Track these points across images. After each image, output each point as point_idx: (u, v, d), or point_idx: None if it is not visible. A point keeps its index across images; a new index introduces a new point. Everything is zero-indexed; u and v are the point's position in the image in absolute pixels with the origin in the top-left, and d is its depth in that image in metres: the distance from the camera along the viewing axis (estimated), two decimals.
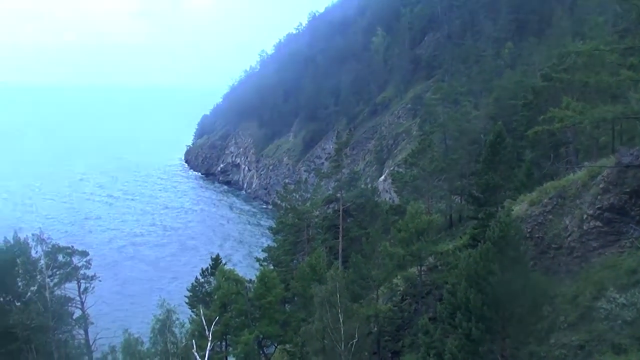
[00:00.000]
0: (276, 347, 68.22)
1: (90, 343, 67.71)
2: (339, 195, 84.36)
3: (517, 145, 72.58)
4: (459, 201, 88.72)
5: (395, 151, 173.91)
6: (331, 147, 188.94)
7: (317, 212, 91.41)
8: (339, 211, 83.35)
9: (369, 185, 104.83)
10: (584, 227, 44.69)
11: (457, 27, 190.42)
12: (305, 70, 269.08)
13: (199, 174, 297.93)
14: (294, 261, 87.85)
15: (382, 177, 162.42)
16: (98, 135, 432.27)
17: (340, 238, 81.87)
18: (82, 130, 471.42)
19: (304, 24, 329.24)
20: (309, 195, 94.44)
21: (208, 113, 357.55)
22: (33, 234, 53.34)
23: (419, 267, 58.10)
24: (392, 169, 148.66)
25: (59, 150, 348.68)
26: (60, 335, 52.51)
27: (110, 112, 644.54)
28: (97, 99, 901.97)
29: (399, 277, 60.21)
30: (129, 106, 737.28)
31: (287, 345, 63.29)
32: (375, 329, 55.22)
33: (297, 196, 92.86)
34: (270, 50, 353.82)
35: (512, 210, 47.68)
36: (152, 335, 48.70)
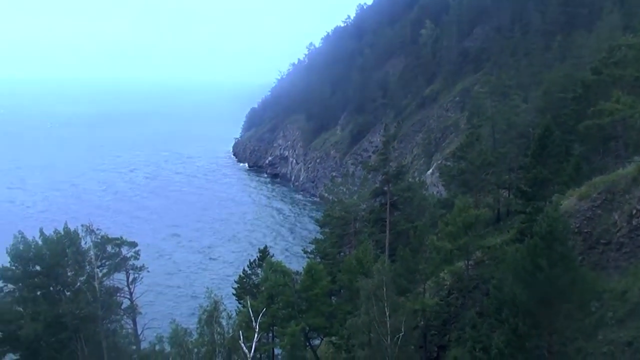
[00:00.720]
0: (322, 339, 68.47)
1: (138, 333, 68.59)
2: (386, 188, 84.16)
3: (566, 139, 71.75)
4: (507, 195, 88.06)
5: (443, 144, 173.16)
6: (378, 140, 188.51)
7: (364, 205, 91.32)
8: (386, 204, 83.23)
9: (417, 179, 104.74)
10: (633, 223, 44.28)
11: (506, 19, 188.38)
12: (353, 63, 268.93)
13: (247, 166, 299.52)
14: (341, 254, 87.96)
15: (430, 170, 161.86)
16: (149, 129, 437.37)
17: (387, 231, 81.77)
18: (135, 124, 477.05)
19: (352, 17, 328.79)
20: (356, 188, 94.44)
21: (256, 106, 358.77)
22: (83, 225, 54.06)
23: (466, 262, 57.92)
24: (439, 162, 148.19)
25: (112, 143, 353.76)
26: (109, 325, 53.29)
27: (160, 108, 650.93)
28: (145, 94, 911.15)
29: (446, 271, 60.10)
30: (179, 101, 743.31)
31: (333, 338, 63.45)
32: (422, 323, 55.20)
33: (344, 189, 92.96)
34: (318, 43, 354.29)
35: (561, 204, 47.38)
36: (199, 326, 49.15)
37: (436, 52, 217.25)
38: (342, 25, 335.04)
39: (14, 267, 55.05)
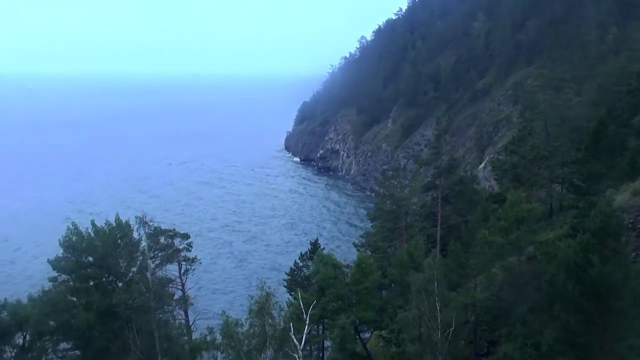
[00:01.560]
0: (372, 332, 68.46)
1: (190, 324, 69.26)
2: (437, 182, 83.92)
3: (621, 132, 70.63)
4: (560, 190, 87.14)
5: (495, 138, 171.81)
6: (430, 133, 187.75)
7: (416, 199, 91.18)
8: (438, 198, 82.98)
9: (468, 173, 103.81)
10: None
11: (559, 11, 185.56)
12: (404, 56, 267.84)
13: (298, 159, 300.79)
14: (391, 248, 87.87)
15: (482, 164, 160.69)
16: (203, 122, 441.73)
17: (438, 226, 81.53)
18: (187, 117, 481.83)
19: (403, 9, 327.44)
20: (407, 182, 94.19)
21: (308, 100, 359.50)
22: (136, 217, 54.66)
23: (518, 257, 57.46)
24: (492, 156, 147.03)
25: (165, 136, 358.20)
26: (161, 316, 53.81)
27: (212, 101, 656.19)
28: (199, 87, 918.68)
29: (497, 266, 59.66)
30: (231, 95, 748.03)
31: (383, 332, 63.42)
32: (472, 318, 54.93)
33: (396, 183, 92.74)
34: (369, 36, 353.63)
35: (614, 199, 46.76)
36: (250, 317, 49.41)
37: (489, 45, 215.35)
38: (394, 17, 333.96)
39: (67, 258, 55.92)
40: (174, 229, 70.86)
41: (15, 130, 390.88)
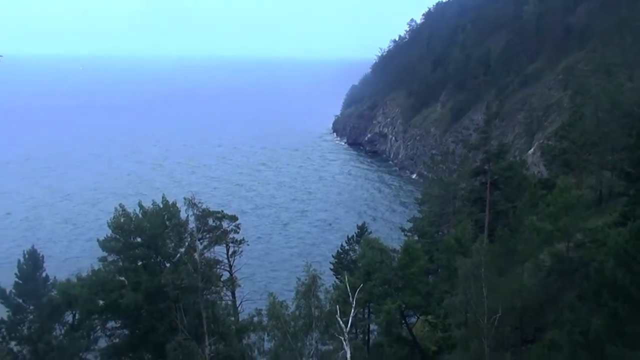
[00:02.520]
0: (418, 317, 68.42)
1: (237, 305, 69.73)
2: (486, 167, 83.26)
3: None
4: (610, 176, 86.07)
5: (545, 123, 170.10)
6: (480, 118, 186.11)
7: (464, 184, 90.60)
8: (486, 183, 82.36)
9: (517, 158, 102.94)
10: None
11: None
12: (454, 39, 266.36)
13: (346, 143, 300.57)
14: (439, 233, 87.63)
15: (531, 149, 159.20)
16: (251, 105, 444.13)
17: (486, 211, 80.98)
18: (234, 100, 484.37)
19: None
20: (455, 167, 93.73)
21: (356, 83, 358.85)
22: (185, 198, 55.05)
23: (566, 243, 56.93)
24: (541, 141, 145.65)
25: (215, 119, 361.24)
26: (208, 296, 54.17)
27: (260, 84, 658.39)
28: (247, 70, 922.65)
29: (545, 252, 59.16)
30: (280, 78, 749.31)
31: (429, 317, 63.39)
32: (519, 304, 54.59)
33: (444, 167, 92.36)
34: (419, 19, 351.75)
35: None
36: (296, 299, 49.64)
37: (540, 29, 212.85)
38: (444, 0, 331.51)
39: (115, 239, 56.58)
40: (222, 211, 71.27)
41: (76, 111, 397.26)
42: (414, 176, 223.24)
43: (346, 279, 48.06)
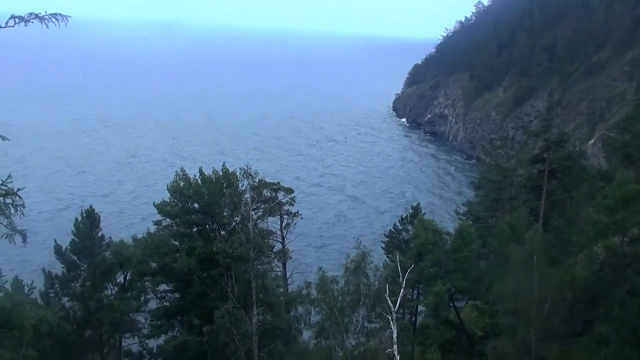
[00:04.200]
0: (467, 302, 68.23)
1: (287, 276, 70.24)
2: (545, 155, 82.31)
3: None
4: None
5: (607, 115, 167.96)
6: (541, 105, 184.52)
7: (522, 171, 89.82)
8: (544, 172, 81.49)
9: (577, 148, 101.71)
10: None
11: None
12: (521, 24, 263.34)
13: (406, 122, 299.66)
14: (493, 218, 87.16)
15: (592, 140, 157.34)
16: (312, 79, 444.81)
17: (542, 199, 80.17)
18: (297, 73, 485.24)
19: None
20: (514, 153, 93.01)
21: (420, 63, 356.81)
22: (241, 168, 55.36)
23: (621, 237, 56.31)
24: (602, 133, 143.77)
25: (274, 92, 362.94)
26: (259, 266, 54.48)
27: (323, 59, 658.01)
28: (307, 45, 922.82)
29: (599, 245, 58.57)
30: (343, 55, 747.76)
31: (478, 302, 63.16)
32: (570, 295, 54.20)
33: (503, 153, 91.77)
34: (486, 1, 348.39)
35: None
36: (345, 275, 49.81)
37: (608, 19, 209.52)
38: None
39: (173, 203, 57.15)
40: (278, 182, 71.80)
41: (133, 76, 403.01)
42: (472, 160, 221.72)
43: (397, 259, 48.05)
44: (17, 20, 24.55)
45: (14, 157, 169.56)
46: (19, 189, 27.85)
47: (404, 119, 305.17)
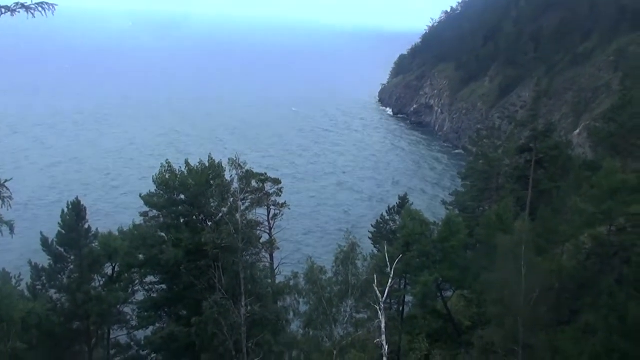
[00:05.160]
0: (454, 291, 68.43)
1: (275, 267, 70.26)
2: (532, 145, 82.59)
3: None
4: None
5: (593, 105, 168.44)
6: (527, 95, 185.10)
7: (508, 161, 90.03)
8: (531, 162, 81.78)
9: (563, 138, 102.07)
10: None
11: None
12: (507, 13, 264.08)
13: (391, 112, 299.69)
14: (480, 208, 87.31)
15: (577, 130, 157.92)
16: (297, 69, 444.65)
17: (529, 189, 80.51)
18: (280, 64, 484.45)
19: None
20: (501, 143, 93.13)
21: (405, 53, 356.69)
22: (229, 158, 55.26)
23: (608, 227, 56.51)
24: (588, 123, 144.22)
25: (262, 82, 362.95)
26: (247, 257, 54.50)
27: (309, 49, 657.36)
28: (294, 34, 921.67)
29: (586, 235, 58.78)
30: (327, 45, 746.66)
31: (465, 292, 63.36)
32: (557, 285, 54.34)
33: (489, 143, 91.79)
34: None
35: None
36: (334, 265, 49.88)
37: (594, 8, 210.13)
38: None
39: (159, 195, 57.03)
40: (266, 173, 71.78)
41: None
42: (458, 150, 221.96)
43: (385, 249, 48.11)
44: (3, 10, 24.41)
45: (2, 148, 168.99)
46: (6, 180, 27.80)
47: (389, 109, 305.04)
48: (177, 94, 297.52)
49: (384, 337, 33.98)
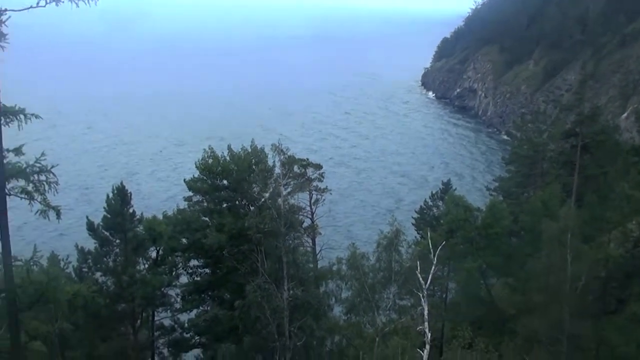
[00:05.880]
0: (498, 279, 67.89)
1: (317, 252, 70.19)
2: (578, 129, 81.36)
3: None
4: None
5: None
6: (573, 78, 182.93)
7: (553, 146, 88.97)
8: (577, 147, 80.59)
9: (610, 122, 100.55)
10: None
11: None
12: None
13: (434, 97, 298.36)
14: (525, 194, 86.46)
15: (625, 114, 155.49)
16: (342, 53, 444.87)
17: (575, 175, 79.36)
18: (327, 48, 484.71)
19: None
20: (545, 127, 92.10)
21: (448, 37, 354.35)
22: (272, 144, 55.33)
23: None
24: (636, 106, 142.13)
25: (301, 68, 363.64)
26: (290, 242, 54.50)
27: (354, 33, 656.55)
28: (338, 19, 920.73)
29: (634, 222, 57.86)
30: (369, 30, 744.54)
31: (510, 279, 62.77)
32: (603, 273, 53.55)
33: (534, 127, 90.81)
34: None
35: None
36: (377, 251, 49.78)
37: None
38: None
39: (202, 180, 57.41)
40: (308, 159, 71.62)
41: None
42: (502, 135, 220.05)
43: (429, 235, 47.82)
44: (48, 0, 24.51)
45: (47, 134, 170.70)
46: (52, 166, 28.02)
47: (432, 93, 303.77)
48: (216, 83, 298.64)
49: (426, 324, 33.68)
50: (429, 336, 32.73)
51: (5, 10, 24.72)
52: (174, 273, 57.39)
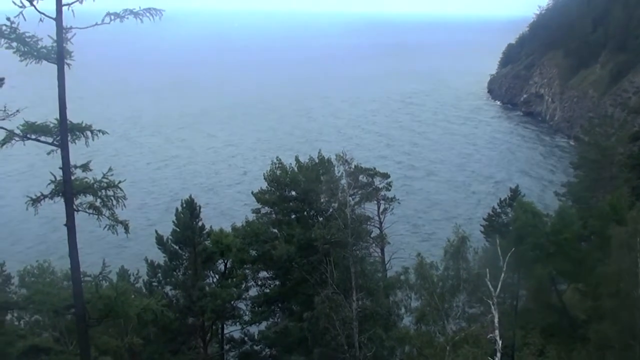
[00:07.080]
0: (569, 284, 67.25)
1: (385, 262, 70.31)
2: None
3: None
4: None
5: None
6: None
7: (622, 149, 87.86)
8: None
9: None
10: None
11: None
12: None
13: (501, 103, 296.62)
14: (594, 198, 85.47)
15: None
16: (408, 62, 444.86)
17: None
18: (394, 57, 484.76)
19: None
20: (613, 131, 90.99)
21: (513, 42, 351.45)
22: (337, 155, 55.84)
23: None
24: None
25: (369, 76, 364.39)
26: (358, 252, 54.78)
27: (418, 41, 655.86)
28: (402, 28, 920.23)
29: None
30: (432, 36, 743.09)
31: (580, 284, 62.17)
32: None
33: (601, 131, 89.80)
34: None
35: None
36: (444, 259, 49.76)
37: None
38: None
39: (270, 191, 58.09)
40: (374, 168, 71.96)
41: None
42: (570, 140, 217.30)
43: (497, 242, 47.67)
44: (112, 17, 25.34)
45: (114, 150, 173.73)
46: (119, 182, 28.77)
47: (499, 100, 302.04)
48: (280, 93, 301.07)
49: (497, 331, 33.71)
50: (500, 344, 32.77)
51: (71, 27, 25.55)
52: (243, 286, 57.98)
